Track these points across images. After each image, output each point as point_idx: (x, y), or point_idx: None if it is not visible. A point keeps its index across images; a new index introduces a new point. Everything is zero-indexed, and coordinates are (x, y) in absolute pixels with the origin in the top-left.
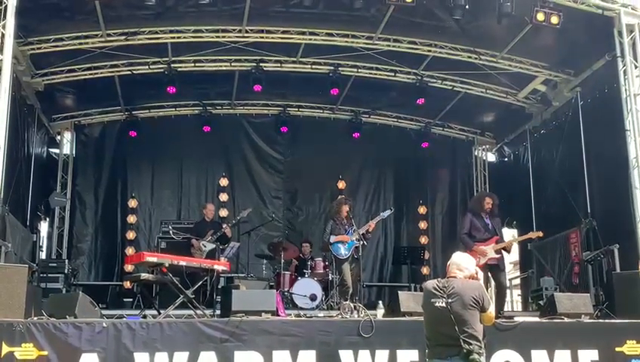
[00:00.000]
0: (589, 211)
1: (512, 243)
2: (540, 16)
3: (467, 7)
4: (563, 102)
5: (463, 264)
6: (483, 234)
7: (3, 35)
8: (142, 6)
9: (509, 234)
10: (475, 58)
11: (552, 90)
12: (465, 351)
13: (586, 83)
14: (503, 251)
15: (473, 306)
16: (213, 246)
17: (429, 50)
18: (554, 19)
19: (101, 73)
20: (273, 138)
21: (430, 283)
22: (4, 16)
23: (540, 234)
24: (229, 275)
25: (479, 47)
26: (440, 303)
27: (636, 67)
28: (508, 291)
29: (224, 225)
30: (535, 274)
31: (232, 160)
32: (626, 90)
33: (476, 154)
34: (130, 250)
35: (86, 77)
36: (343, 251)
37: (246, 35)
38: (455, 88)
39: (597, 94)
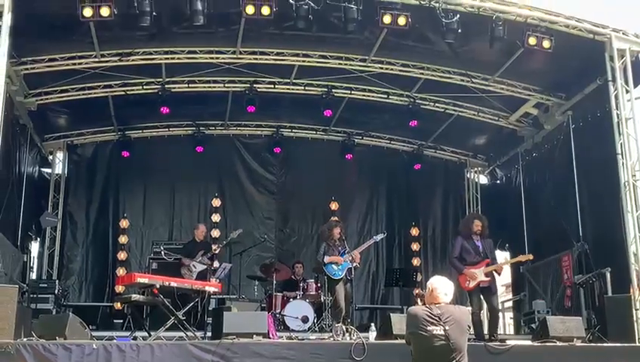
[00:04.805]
0: (580, 234)
1: (502, 266)
2: (532, 41)
3: (459, 30)
4: (555, 125)
5: (447, 289)
6: (474, 257)
7: None
8: (136, 27)
9: (501, 256)
10: (467, 81)
11: (543, 114)
12: None
13: (577, 107)
14: (494, 273)
15: (467, 331)
16: (204, 266)
17: (422, 73)
18: (546, 44)
19: (94, 93)
20: (266, 159)
21: (419, 310)
22: None
23: (530, 257)
24: (221, 297)
25: (471, 70)
26: (438, 331)
27: (627, 91)
28: (500, 314)
29: (214, 246)
30: (527, 297)
31: (225, 180)
32: (617, 114)
33: (468, 176)
34: (121, 271)
35: (79, 97)
36: (337, 272)
37: (240, 56)
38: (447, 111)
39: (588, 118)
